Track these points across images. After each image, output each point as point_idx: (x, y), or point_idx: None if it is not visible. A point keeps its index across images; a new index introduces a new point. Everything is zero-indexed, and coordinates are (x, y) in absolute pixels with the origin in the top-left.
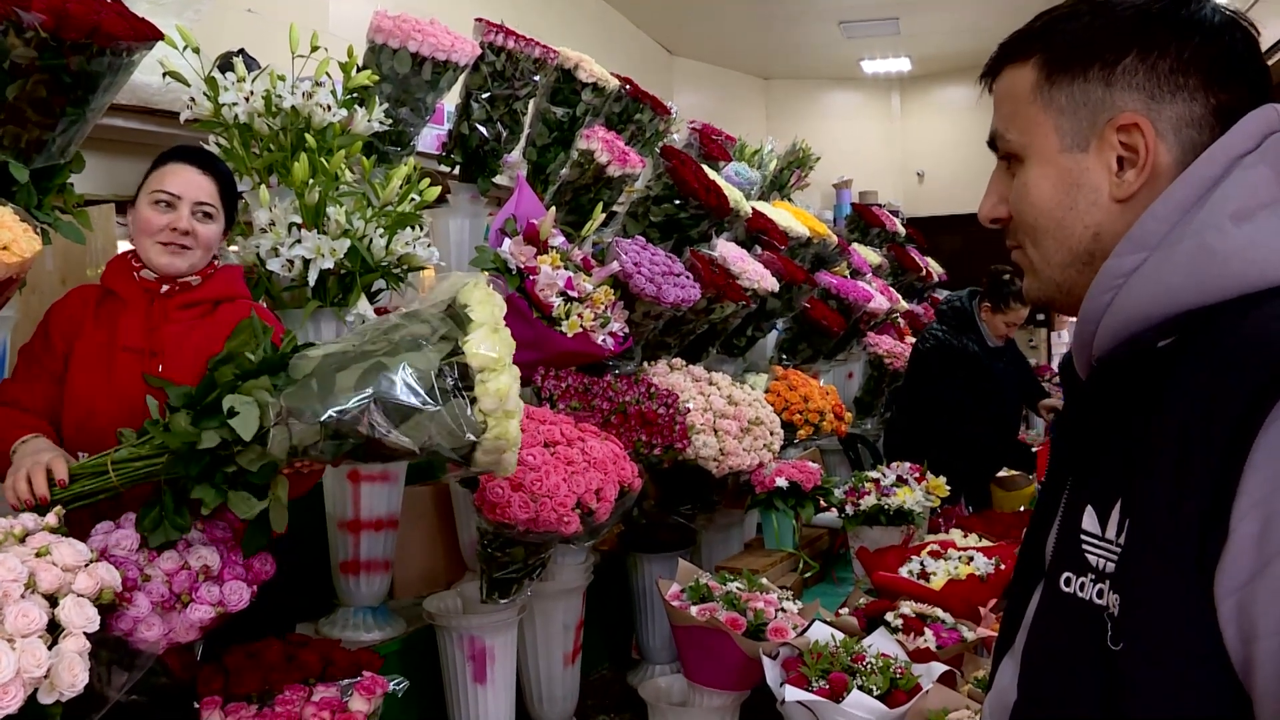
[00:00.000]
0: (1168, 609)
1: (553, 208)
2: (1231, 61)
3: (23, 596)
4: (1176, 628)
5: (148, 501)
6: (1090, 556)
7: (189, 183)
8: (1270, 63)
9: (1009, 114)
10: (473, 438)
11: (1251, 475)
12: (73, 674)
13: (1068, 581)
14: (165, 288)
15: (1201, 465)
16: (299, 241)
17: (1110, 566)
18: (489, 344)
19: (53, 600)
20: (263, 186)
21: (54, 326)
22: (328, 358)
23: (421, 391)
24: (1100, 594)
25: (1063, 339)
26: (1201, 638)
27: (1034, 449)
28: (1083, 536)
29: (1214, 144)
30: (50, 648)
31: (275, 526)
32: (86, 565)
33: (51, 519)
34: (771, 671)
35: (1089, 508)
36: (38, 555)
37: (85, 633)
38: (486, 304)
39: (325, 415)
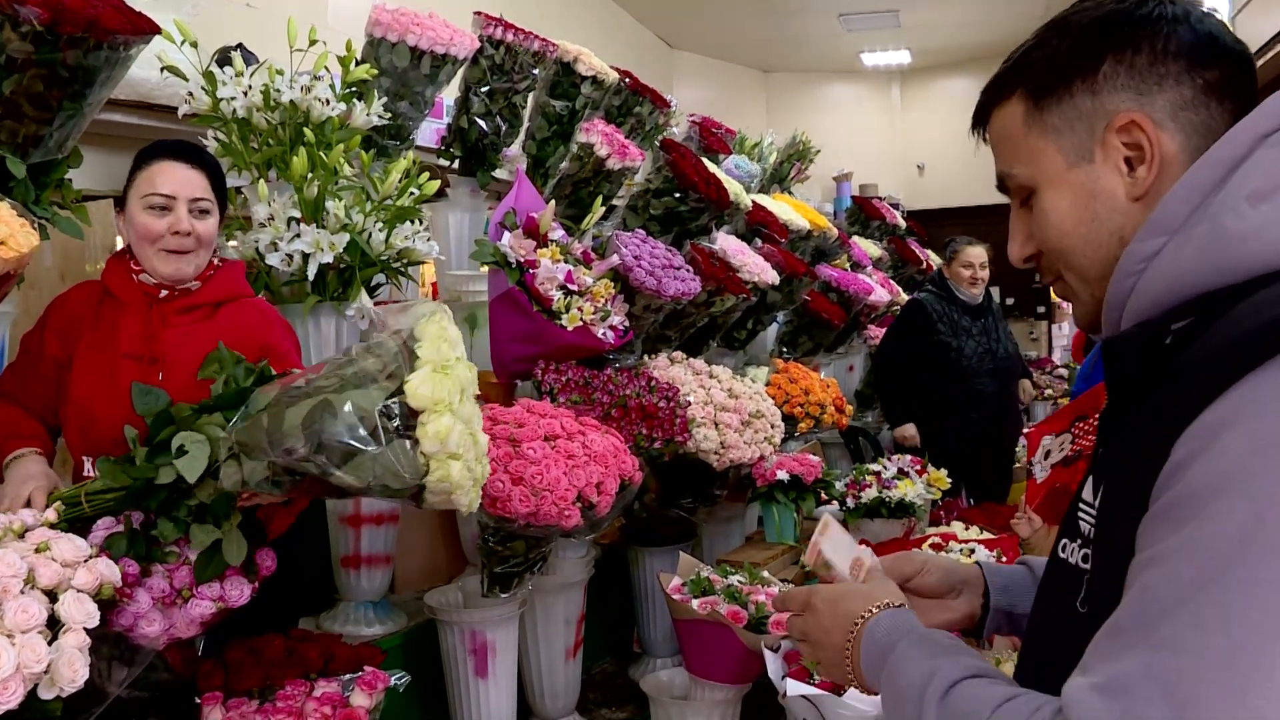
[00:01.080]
0: (1123, 567)
1: (552, 201)
2: (1205, 40)
3: (22, 592)
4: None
5: (112, 532)
6: (1082, 524)
7: (180, 180)
8: (1266, 59)
9: (1009, 152)
10: (414, 479)
11: (1198, 424)
12: (73, 669)
13: (1064, 548)
14: (164, 292)
15: (1163, 424)
16: (298, 236)
17: (1089, 529)
18: (430, 385)
19: (52, 596)
20: (261, 181)
21: (50, 327)
22: (284, 392)
23: (363, 432)
24: (1085, 558)
25: (1063, 331)
26: None
27: (1025, 429)
28: (1080, 505)
29: (1237, 124)
30: (50, 643)
31: (229, 560)
32: (86, 561)
33: (51, 514)
34: (773, 665)
35: (1090, 478)
36: (37, 551)
37: (85, 628)
38: (435, 341)
39: (273, 455)
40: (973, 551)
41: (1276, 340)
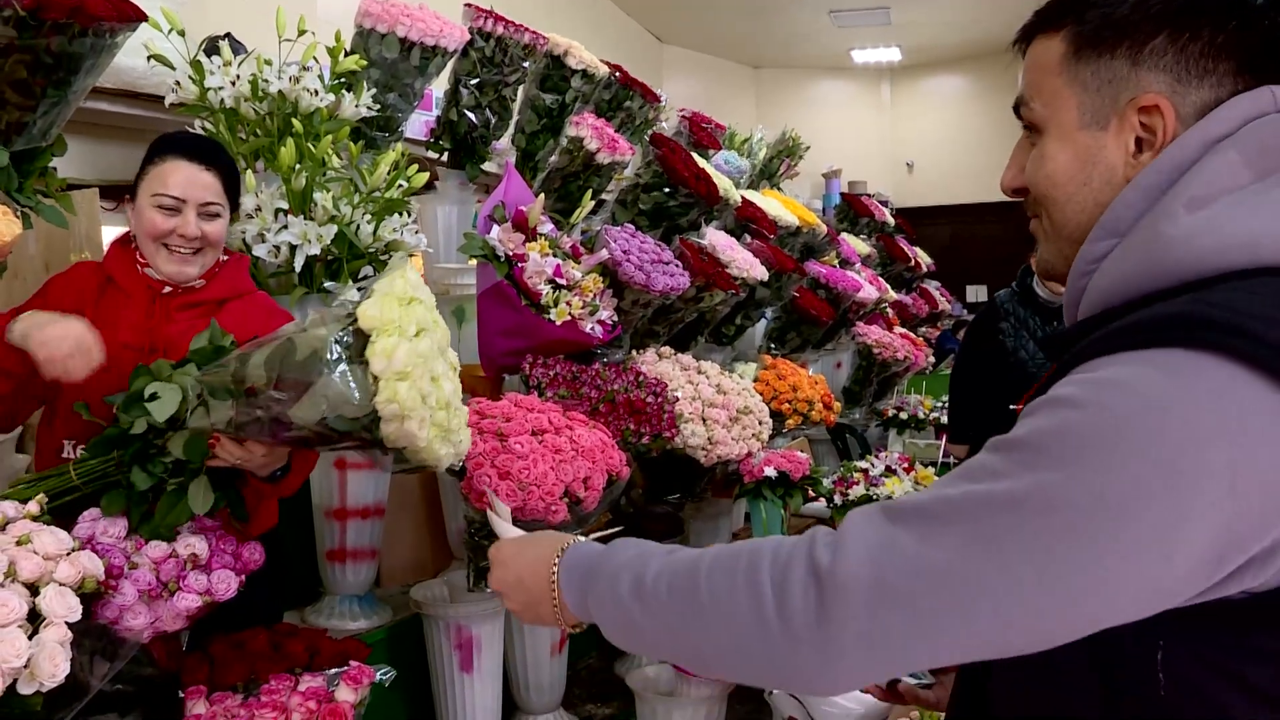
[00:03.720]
0: None
1: (541, 195)
2: (1269, 48)
3: (2, 585)
4: None
5: (113, 491)
6: None
7: (192, 182)
8: None
9: (1034, 83)
10: (364, 402)
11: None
12: (54, 664)
13: None
14: (169, 289)
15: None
16: (285, 227)
17: None
18: (378, 307)
19: (33, 589)
20: (249, 172)
21: (53, 300)
22: (253, 341)
23: (318, 361)
24: None
25: None
26: None
27: None
28: None
29: (1191, 128)
30: (31, 637)
31: (194, 507)
32: (69, 554)
33: (33, 506)
34: None
35: None
36: (18, 543)
37: (67, 622)
38: (390, 277)
39: (237, 394)
40: None
41: (1141, 337)
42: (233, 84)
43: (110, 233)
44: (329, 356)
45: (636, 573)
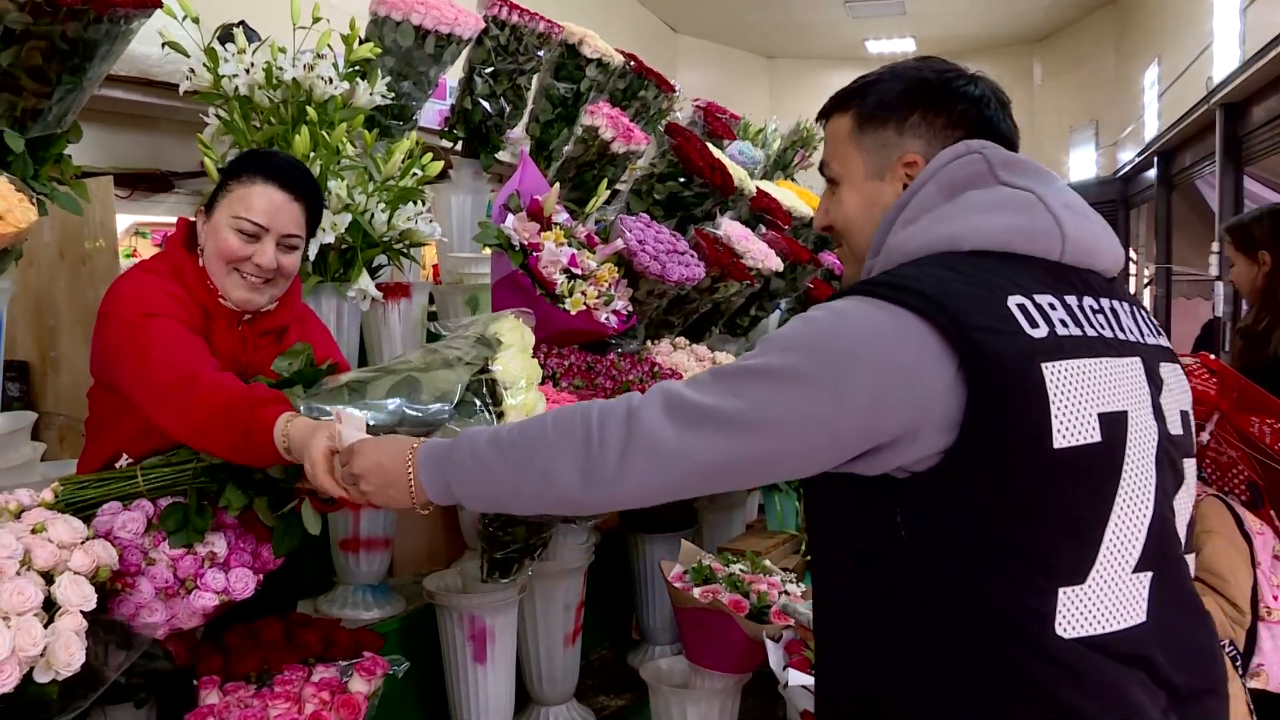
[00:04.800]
0: None
1: (556, 184)
2: (987, 122)
3: (18, 574)
4: None
5: (172, 502)
6: None
7: (279, 212)
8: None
9: (832, 149)
10: None
11: None
12: (69, 653)
13: None
14: (248, 315)
15: None
16: None
17: None
18: (519, 363)
19: (49, 578)
20: None
21: (175, 311)
22: (362, 370)
23: (448, 405)
24: None
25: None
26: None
27: None
28: None
29: (916, 178)
30: (46, 626)
31: (309, 529)
32: (83, 543)
33: (48, 495)
34: (774, 654)
35: None
36: (33, 532)
37: (82, 611)
38: (517, 330)
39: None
40: None
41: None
42: (247, 71)
43: (124, 221)
44: (461, 400)
45: (493, 432)
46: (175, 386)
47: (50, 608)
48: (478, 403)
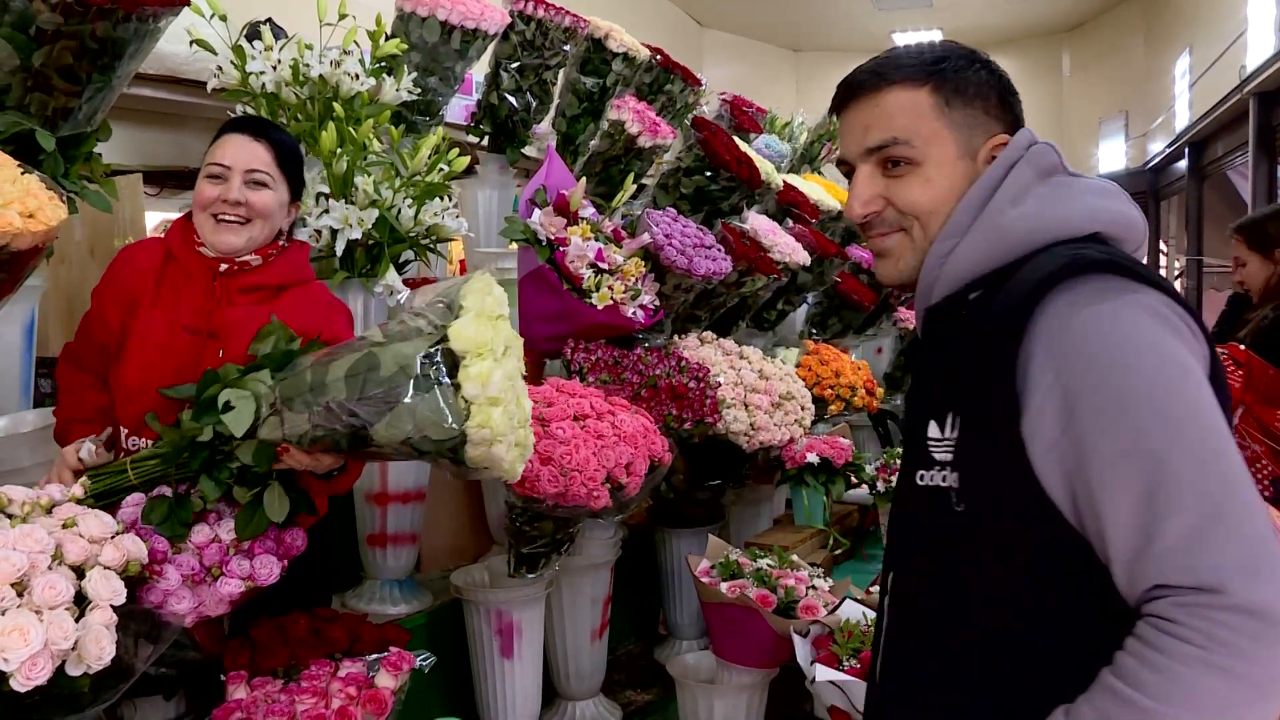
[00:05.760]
0: (992, 472)
1: (583, 179)
2: (1020, 112)
3: (50, 568)
4: (1001, 484)
5: (156, 495)
6: (936, 455)
7: (240, 150)
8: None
9: (907, 126)
10: (456, 427)
11: (1034, 361)
12: (100, 646)
13: (921, 477)
14: (225, 266)
15: (993, 364)
16: (327, 211)
17: (949, 456)
18: (474, 328)
19: (80, 572)
20: None
21: (112, 289)
22: (331, 350)
23: (405, 379)
24: (944, 478)
25: None
26: (1021, 488)
27: None
28: (928, 442)
29: (997, 159)
30: (77, 620)
31: (271, 516)
32: (113, 537)
33: (78, 490)
34: (802, 650)
35: (931, 422)
36: (64, 527)
37: (112, 605)
38: (479, 294)
39: (315, 405)
40: None
41: (1043, 286)
42: (274, 69)
43: (154, 218)
44: (417, 375)
45: None
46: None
47: (81, 602)
48: (434, 373)
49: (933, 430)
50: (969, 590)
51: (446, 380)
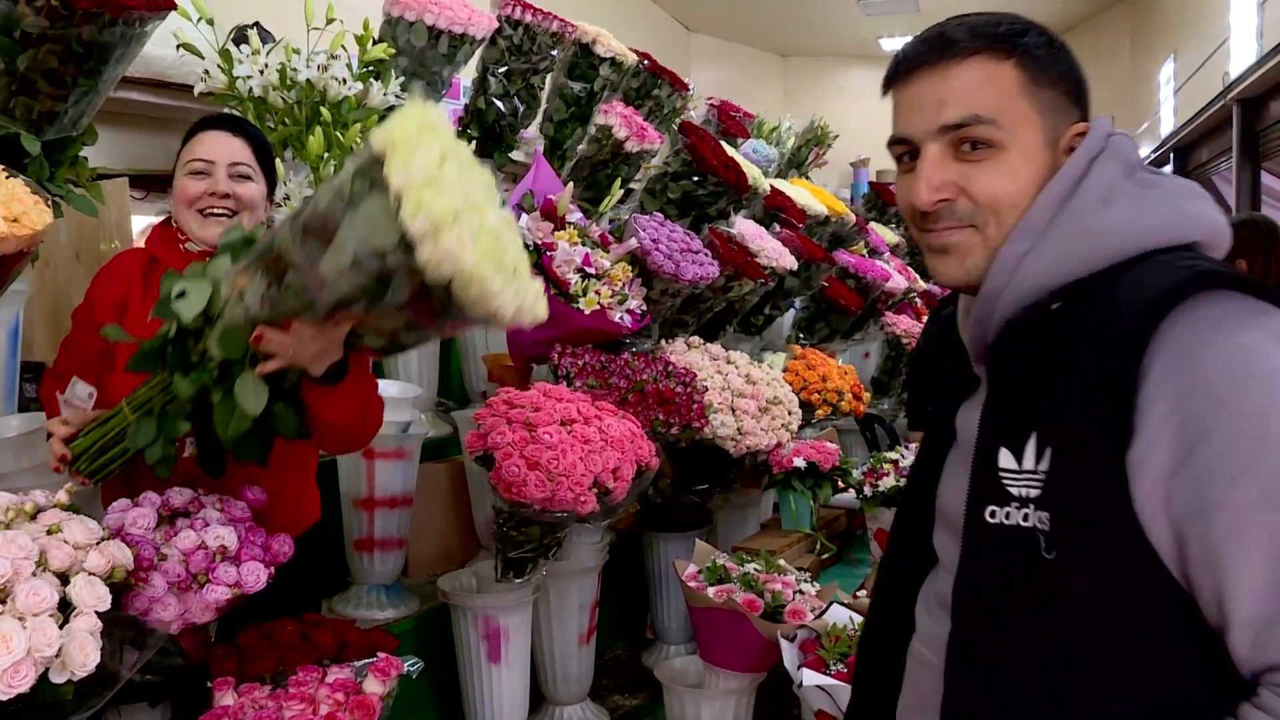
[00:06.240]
0: (1094, 514)
1: (570, 183)
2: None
3: (34, 575)
4: (1103, 529)
5: (139, 415)
6: (1012, 489)
7: (220, 145)
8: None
9: (994, 104)
10: (390, 224)
11: (1149, 386)
12: (84, 653)
13: (992, 514)
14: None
15: (1104, 388)
16: None
17: (1033, 493)
18: (395, 123)
19: (64, 578)
20: (277, 160)
21: (100, 301)
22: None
23: (340, 203)
24: (1026, 517)
25: None
26: (1120, 529)
27: None
28: (1000, 474)
29: (1077, 150)
30: (61, 627)
31: (246, 407)
32: (98, 543)
33: (63, 496)
34: (789, 654)
35: (1002, 449)
36: (49, 533)
37: (97, 611)
38: (409, 106)
39: (263, 261)
40: None
41: (1165, 303)
42: (261, 73)
43: (140, 222)
44: (350, 195)
45: None
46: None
47: (65, 608)
48: (362, 185)
49: (1006, 460)
50: (1061, 651)
51: (377, 187)
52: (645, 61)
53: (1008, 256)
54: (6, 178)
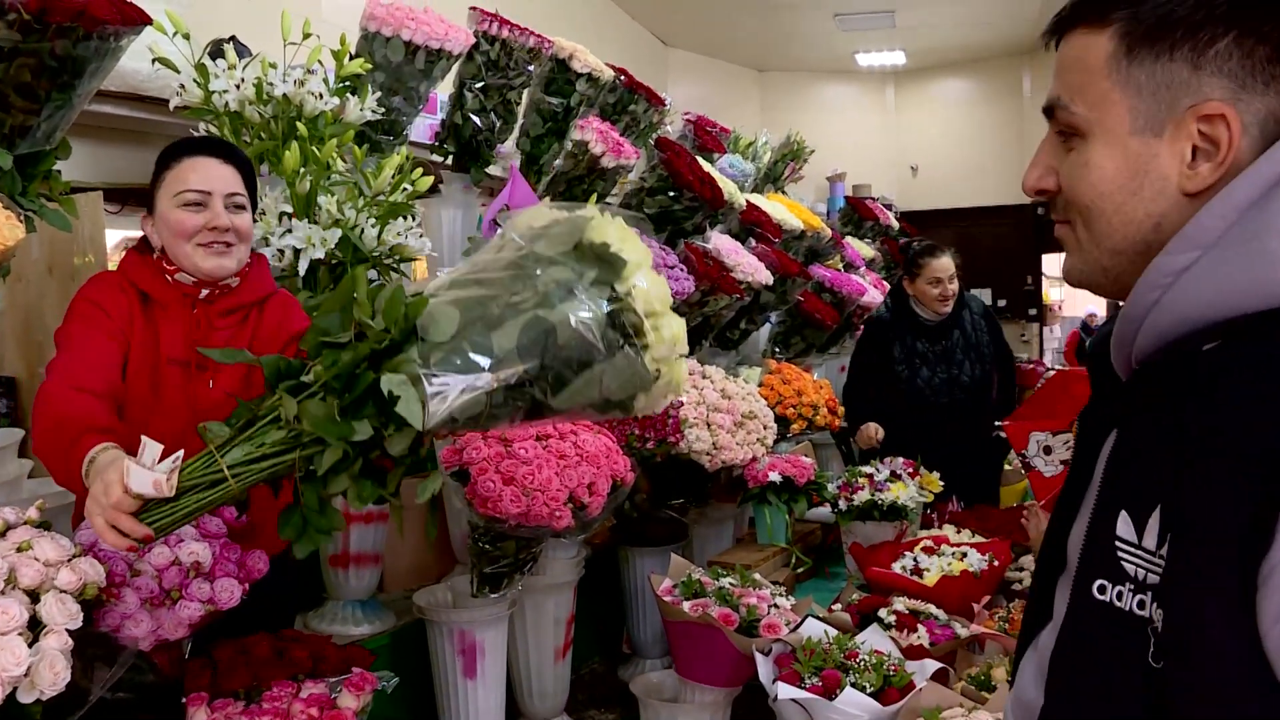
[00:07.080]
0: (1214, 633)
1: (546, 198)
2: None
3: (2, 593)
4: (1222, 654)
5: (287, 506)
6: (1127, 565)
7: (214, 176)
8: None
9: (1075, 84)
10: (646, 384)
11: None
12: (54, 672)
13: (1102, 589)
14: (205, 292)
15: (1251, 471)
16: (290, 231)
17: (1152, 578)
18: (657, 285)
19: (34, 596)
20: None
21: (107, 305)
22: (464, 313)
23: (598, 344)
24: (1141, 605)
25: (1055, 333)
26: (1249, 665)
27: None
28: (1117, 543)
29: (1277, 144)
30: (31, 645)
31: (366, 497)
32: (69, 560)
33: (33, 513)
34: (764, 668)
35: (1123, 513)
36: (19, 550)
37: (68, 629)
38: (632, 240)
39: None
40: (965, 555)
41: None
42: (237, 87)
43: (114, 236)
44: (607, 339)
45: None
46: (41, 392)
47: (35, 626)
48: (617, 335)
49: (1124, 528)
50: None
51: (633, 344)
52: (622, 77)
53: (1163, 269)
54: None
